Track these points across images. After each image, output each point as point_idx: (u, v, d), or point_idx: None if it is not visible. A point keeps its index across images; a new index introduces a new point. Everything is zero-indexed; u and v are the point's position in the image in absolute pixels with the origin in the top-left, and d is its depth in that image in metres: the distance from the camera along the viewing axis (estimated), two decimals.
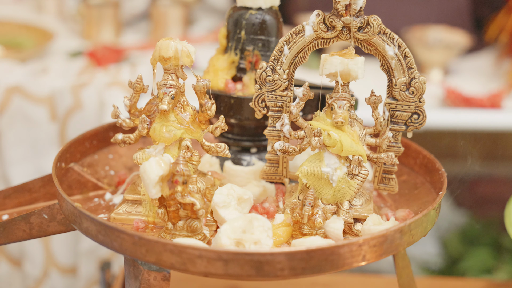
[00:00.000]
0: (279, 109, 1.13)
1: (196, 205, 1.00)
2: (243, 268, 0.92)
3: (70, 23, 2.46)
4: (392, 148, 1.13)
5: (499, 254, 2.11)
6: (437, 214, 1.08)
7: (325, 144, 1.07)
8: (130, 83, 1.10)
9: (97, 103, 1.93)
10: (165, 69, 1.08)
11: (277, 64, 1.11)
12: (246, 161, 1.24)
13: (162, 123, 1.08)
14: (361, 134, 1.10)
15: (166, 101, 1.06)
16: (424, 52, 2.16)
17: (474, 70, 2.27)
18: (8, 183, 1.96)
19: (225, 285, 1.49)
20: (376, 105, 1.10)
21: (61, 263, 1.98)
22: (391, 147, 1.13)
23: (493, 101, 1.97)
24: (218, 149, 1.10)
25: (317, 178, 1.08)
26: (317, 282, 1.54)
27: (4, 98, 1.93)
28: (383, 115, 1.12)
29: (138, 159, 1.09)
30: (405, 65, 1.10)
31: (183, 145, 1.08)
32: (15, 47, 2.21)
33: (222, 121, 1.10)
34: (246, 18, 1.20)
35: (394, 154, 1.10)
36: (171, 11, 2.32)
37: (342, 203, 1.08)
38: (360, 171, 1.07)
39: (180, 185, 0.99)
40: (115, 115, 1.10)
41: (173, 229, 1.03)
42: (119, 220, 1.09)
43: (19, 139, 1.95)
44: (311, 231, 1.05)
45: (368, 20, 1.08)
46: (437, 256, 2.19)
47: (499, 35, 2.21)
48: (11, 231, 1.10)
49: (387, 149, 1.12)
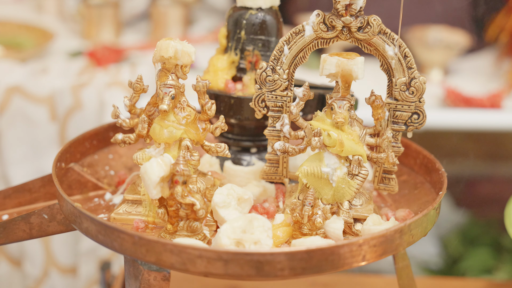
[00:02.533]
0: (279, 109, 1.13)
1: (196, 205, 1.00)
2: (243, 268, 0.92)
3: (70, 23, 2.46)
4: (392, 148, 1.13)
5: (499, 254, 2.11)
6: (437, 214, 1.08)
7: (325, 144, 1.07)
8: (130, 83, 1.10)
9: (97, 103, 1.93)
10: (165, 69, 1.08)
11: (277, 64, 1.11)
12: (246, 161, 1.24)
13: (162, 123, 1.08)
14: (361, 134, 1.09)
15: (166, 101, 1.06)
16: (424, 52, 2.16)
17: (474, 70, 2.28)
18: (8, 183, 1.96)
19: (225, 285, 1.49)
20: (376, 107, 1.10)
21: (61, 263, 1.98)
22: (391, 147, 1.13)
23: (493, 101, 1.97)
24: (218, 149, 1.10)
25: (317, 178, 1.08)
26: (317, 282, 1.54)
27: (4, 98, 1.93)
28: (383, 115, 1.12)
29: (138, 159, 1.09)
30: (405, 65, 1.10)
31: (183, 145, 1.08)
32: (15, 47, 2.21)
33: (222, 121, 1.10)
34: (246, 18, 1.20)
35: (394, 154, 1.10)
36: (171, 11, 2.32)
37: (342, 203, 1.08)
38: (360, 171, 1.07)
39: (180, 185, 0.99)
40: (115, 115, 1.10)
41: (173, 229, 1.03)
42: (119, 220, 1.09)
43: (19, 139, 1.95)
44: (311, 231, 1.05)
45: (368, 20, 1.08)
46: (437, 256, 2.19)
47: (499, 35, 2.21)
48: (11, 231, 1.10)
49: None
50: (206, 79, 1.16)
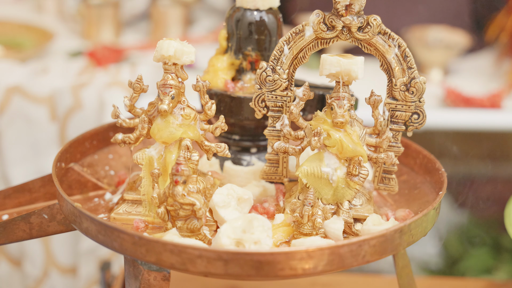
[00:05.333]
0: (279, 109, 1.13)
1: (196, 205, 1.00)
2: (243, 268, 0.92)
3: (70, 23, 2.46)
4: (392, 148, 1.13)
5: (499, 254, 2.11)
6: (437, 214, 1.08)
7: (325, 144, 1.07)
8: (130, 83, 1.10)
9: (97, 103, 1.93)
10: (165, 69, 1.08)
11: (277, 64, 1.11)
12: (246, 161, 1.24)
13: (162, 123, 1.08)
14: (361, 134, 1.10)
15: (166, 101, 1.06)
16: (424, 52, 2.16)
17: (474, 70, 2.28)
18: (8, 183, 1.96)
19: (225, 285, 1.49)
20: (376, 105, 1.10)
21: (61, 263, 1.98)
22: (391, 147, 1.13)
23: (493, 101, 1.97)
24: (218, 149, 1.10)
25: (317, 178, 1.08)
26: (317, 282, 1.54)
27: (4, 98, 1.93)
28: (383, 115, 1.12)
29: (138, 159, 1.09)
30: (405, 65, 1.10)
31: (183, 145, 1.08)
32: (15, 47, 2.21)
33: (222, 121, 1.10)
34: (245, 18, 1.19)
35: (394, 154, 1.10)
36: (171, 11, 2.32)
37: (342, 203, 1.08)
38: (360, 171, 1.07)
39: (180, 185, 0.99)
40: (115, 115, 1.10)
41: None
42: (119, 220, 1.09)
43: (19, 139, 1.95)
44: (311, 231, 1.05)
45: (368, 20, 1.08)
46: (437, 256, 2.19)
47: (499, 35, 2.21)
48: (11, 231, 1.10)
49: (387, 149, 1.12)
50: (206, 79, 1.16)
